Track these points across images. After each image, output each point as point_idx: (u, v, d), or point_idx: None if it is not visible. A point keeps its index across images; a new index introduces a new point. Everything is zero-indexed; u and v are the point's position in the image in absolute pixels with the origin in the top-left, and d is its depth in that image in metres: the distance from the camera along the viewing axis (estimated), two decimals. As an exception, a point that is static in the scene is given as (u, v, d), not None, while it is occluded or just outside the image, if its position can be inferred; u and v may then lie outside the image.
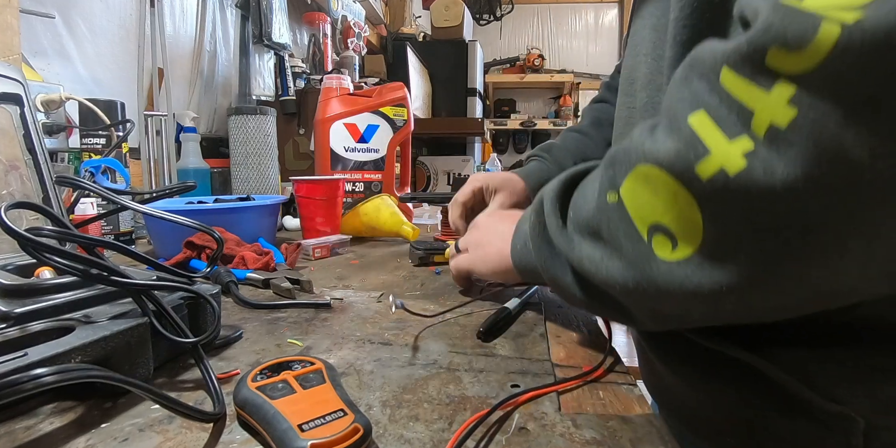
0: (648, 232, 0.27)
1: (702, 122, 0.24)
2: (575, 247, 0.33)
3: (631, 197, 0.28)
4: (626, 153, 0.28)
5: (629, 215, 0.28)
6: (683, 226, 0.25)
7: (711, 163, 0.23)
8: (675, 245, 0.26)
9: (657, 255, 0.27)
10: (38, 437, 0.27)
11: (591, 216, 0.31)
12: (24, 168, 0.51)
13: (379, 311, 0.51)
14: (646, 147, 0.26)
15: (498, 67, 4.31)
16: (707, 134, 0.23)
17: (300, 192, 0.88)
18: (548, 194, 0.37)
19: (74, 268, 0.32)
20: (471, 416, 0.29)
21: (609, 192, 0.29)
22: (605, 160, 0.31)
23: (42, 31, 0.95)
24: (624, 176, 0.28)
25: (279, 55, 1.55)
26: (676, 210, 0.25)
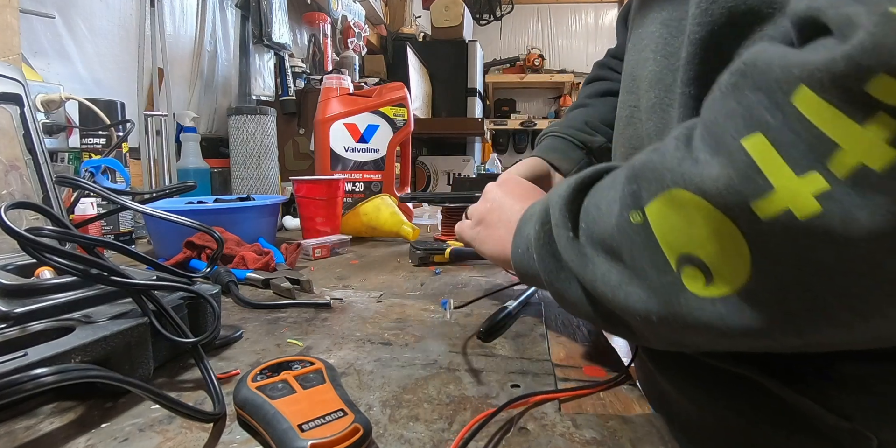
0: (678, 262, 0.24)
1: (760, 147, 0.20)
2: (588, 264, 0.30)
3: (660, 222, 0.25)
4: (655, 171, 0.25)
5: (656, 241, 0.25)
6: (724, 263, 0.23)
7: (774, 202, 0.20)
8: (711, 280, 0.23)
9: (687, 288, 0.24)
10: (38, 437, 0.27)
11: (610, 235, 0.28)
12: (24, 168, 0.51)
13: (379, 311, 0.51)
14: (684, 169, 0.23)
15: (498, 67, 4.30)
16: (768, 164, 0.20)
17: (300, 192, 0.88)
18: (555, 202, 0.33)
19: (74, 268, 0.32)
20: (471, 416, 0.29)
21: (633, 212, 0.26)
22: (628, 173, 0.27)
23: (42, 31, 0.94)
24: (652, 196, 0.25)
25: (279, 55, 1.55)
26: (717, 245, 0.22)
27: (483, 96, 3.19)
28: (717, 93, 0.23)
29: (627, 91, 0.44)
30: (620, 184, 0.28)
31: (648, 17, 0.40)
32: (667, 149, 0.25)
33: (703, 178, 0.22)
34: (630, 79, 0.43)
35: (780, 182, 0.20)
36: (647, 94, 0.39)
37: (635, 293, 0.27)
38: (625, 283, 0.27)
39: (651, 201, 0.25)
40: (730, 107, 0.22)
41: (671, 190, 0.24)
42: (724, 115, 0.22)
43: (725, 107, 0.22)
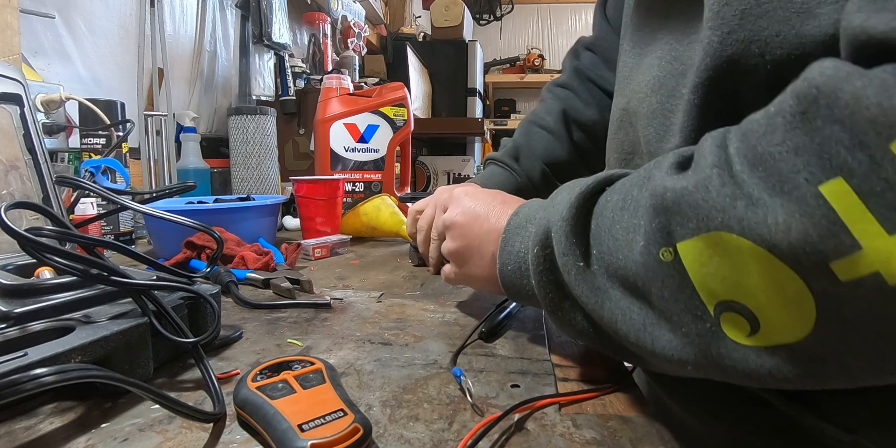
0: (717, 308, 0.22)
1: (842, 196, 0.17)
2: (604, 301, 0.28)
3: (697, 263, 0.22)
4: (696, 208, 0.22)
5: (691, 283, 0.23)
6: (780, 318, 0.20)
7: (861, 263, 0.17)
8: (757, 331, 0.21)
9: (727, 336, 0.22)
10: (38, 437, 0.27)
11: (634, 272, 0.25)
12: (24, 168, 0.51)
13: (379, 311, 0.51)
14: (741, 213, 0.20)
15: (498, 67, 4.30)
16: (853, 218, 0.17)
17: (300, 192, 0.88)
18: (558, 225, 0.30)
19: (74, 268, 0.32)
20: (471, 416, 0.29)
21: (663, 249, 0.23)
22: (654, 202, 0.24)
23: (42, 31, 0.94)
24: (689, 235, 0.22)
25: (279, 55, 1.55)
26: (774, 298, 0.20)
27: (483, 96, 3.19)
28: (775, 119, 0.20)
29: (620, 94, 0.43)
30: (643, 213, 0.25)
31: (653, 20, 0.38)
32: (708, 181, 0.22)
33: (769, 227, 0.19)
34: (625, 82, 0.42)
35: (869, 241, 0.17)
36: (647, 99, 0.37)
37: (664, 337, 0.25)
38: (651, 325, 0.25)
39: (686, 239, 0.22)
40: (797, 140, 0.19)
41: (719, 233, 0.21)
42: (790, 149, 0.19)
43: (791, 139, 0.19)
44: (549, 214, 0.32)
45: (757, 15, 0.26)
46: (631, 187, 0.27)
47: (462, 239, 0.42)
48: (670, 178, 0.24)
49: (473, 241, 0.41)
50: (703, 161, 0.23)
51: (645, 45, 0.39)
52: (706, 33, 0.29)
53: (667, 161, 0.26)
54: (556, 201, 0.32)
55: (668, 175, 0.24)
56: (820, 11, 0.24)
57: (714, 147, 0.23)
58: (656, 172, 0.26)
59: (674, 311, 0.24)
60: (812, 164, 0.18)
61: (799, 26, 0.24)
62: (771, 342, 0.21)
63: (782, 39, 0.25)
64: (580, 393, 0.33)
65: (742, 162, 0.21)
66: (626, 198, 0.27)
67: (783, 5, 0.25)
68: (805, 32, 0.24)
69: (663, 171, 0.25)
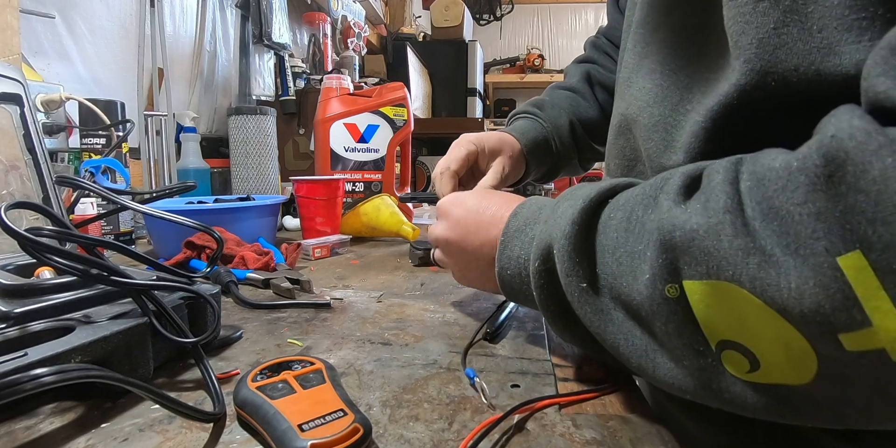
0: (719, 345, 0.22)
1: (859, 270, 0.17)
2: (607, 323, 0.28)
3: (702, 304, 0.22)
4: (707, 254, 0.21)
5: (695, 320, 0.23)
6: (781, 364, 0.21)
7: (868, 339, 0.18)
8: (757, 369, 0.22)
9: (727, 370, 0.23)
10: (38, 437, 0.27)
11: (638, 302, 0.25)
12: (24, 168, 0.51)
13: (379, 311, 0.51)
14: (753, 272, 0.20)
15: (498, 67, 4.30)
16: (868, 295, 0.17)
17: (300, 192, 0.88)
18: (561, 243, 0.29)
19: (74, 268, 0.32)
20: (471, 416, 0.29)
21: (669, 285, 0.23)
22: (661, 237, 0.24)
23: (42, 31, 0.94)
24: (695, 276, 0.22)
25: (279, 55, 1.55)
26: (777, 349, 0.20)
27: (483, 96, 3.19)
28: (798, 176, 0.19)
29: (620, 97, 0.42)
30: (650, 244, 0.25)
31: (654, 20, 0.38)
32: (720, 228, 0.21)
33: (781, 290, 0.19)
34: (625, 85, 0.41)
35: (880, 319, 0.17)
36: (648, 109, 0.36)
37: (665, 366, 0.25)
38: (652, 352, 0.26)
39: (693, 280, 0.22)
40: (820, 205, 0.18)
41: (729, 284, 0.21)
42: (812, 213, 0.18)
43: (813, 201, 0.18)
44: (550, 228, 0.31)
45: (775, 45, 0.25)
46: (636, 207, 0.27)
47: (456, 255, 0.43)
48: (679, 210, 0.24)
49: (468, 256, 0.41)
50: (713, 199, 0.22)
51: (646, 44, 0.38)
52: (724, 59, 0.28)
53: (674, 183, 0.25)
54: (557, 213, 0.32)
55: (675, 205, 0.24)
56: (841, 49, 0.23)
57: (725, 184, 0.22)
58: (663, 199, 0.25)
59: (676, 345, 0.24)
60: (833, 232, 0.18)
61: (819, 62, 0.24)
62: (770, 380, 0.21)
63: (801, 74, 0.24)
64: (580, 393, 0.33)
65: (755, 208, 0.20)
66: (631, 218, 0.27)
67: (803, 38, 0.24)
68: (825, 70, 0.24)
69: (670, 199, 0.25)
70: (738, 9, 0.26)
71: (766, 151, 0.23)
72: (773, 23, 0.25)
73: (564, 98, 0.64)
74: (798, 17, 0.24)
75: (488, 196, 0.42)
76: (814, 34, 0.24)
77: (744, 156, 0.24)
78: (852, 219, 0.17)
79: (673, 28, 0.35)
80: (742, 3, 0.26)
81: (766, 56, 0.25)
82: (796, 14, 0.24)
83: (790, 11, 0.24)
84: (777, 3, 0.25)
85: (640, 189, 0.28)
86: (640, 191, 0.28)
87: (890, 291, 0.17)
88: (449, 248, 0.43)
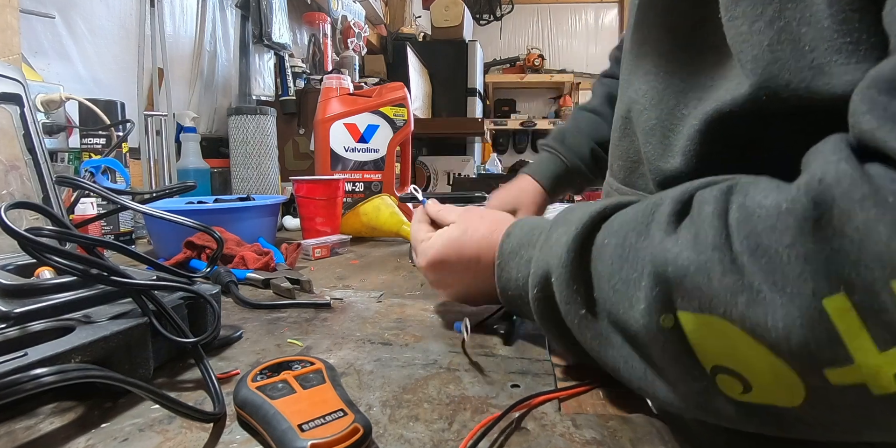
0: (713, 369, 0.23)
1: (843, 312, 0.18)
2: (607, 348, 0.29)
3: (696, 334, 0.23)
4: (699, 290, 0.22)
5: (690, 347, 0.24)
6: (772, 389, 0.22)
7: (850, 374, 0.19)
8: (749, 391, 0.23)
9: (722, 391, 0.24)
10: (38, 437, 0.27)
11: (635, 328, 0.26)
12: (24, 168, 0.51)
13: (379, 311, 0.51)
14: (743, 310, 0.21)
15: (498, 67, 4.30)
16: (851, 335, 0.19)
17: (300, 192, 0.88)
18: (558, 272, 0.30)
19: (74, 268, 0.32)
20: (471, 416, 0.29)
21: (664, 316, 0.24)
22: (654, 270, 0.25)
23: (42, 31, 0.94)
24: (689, 309, 0.23)
25: (279, 55, 1.55)
26: (769, 377, 0.22)
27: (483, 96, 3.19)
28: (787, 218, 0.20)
29: (620, 98, 0.42)
30: (643, 273, 0.25)
31: (648, 21, 0.38)
32: (710, 266, 0.22)
33: (769, 330, 0.20)
34: (626, 84, 0.41)
35: (862, 357, 0.18)
36: (646, 112, 0.36)
37: (664, 388, 0.26)
38: (651, 376, 0.27)
39: (687, 312, 0.23)
40: (808, 248, 0.19)
41: (721, 320, 0.22)
42: (800, 255, 0.19)
43: (802, 244, 0.19)
44: (546, 256, 0.32)
45: (768, 61, 0.26)
46: (629, 233, 0.28)
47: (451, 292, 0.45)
48: (670, 241, 0.24)
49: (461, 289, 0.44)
50: (703, 233, 0.23)
51: (641, 45, 0.39)
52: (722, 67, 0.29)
53: (664, 211, 0.26)
54: (552, 239, 0.33)
55: (666, 235, 0.25)
56: (831, 70, 0.24)
57: (714, 217, 0.23)
58: (655, 228, 0.26)
59: (673, 371, 0.25)
60: (819, 274, 0.19)
61: (810, 80, 0.24)
62: (762, 401, 0.23)
63: (792, 90, 0.25)
64: (577, 386, 0.33)
65: (743, 243, 0.21)
66: (625, 244, 0.28)
67: (795, 56, 0.25)
68: (815, 89, 0.24)
69: (662, 228, 0.25)
70: (736, 28, 0.28)
71: (757, 183, 0.23)
72: (767, 40, 0.26)
73: (586, 121, 0.69)
74: (791, 37, 0.25)
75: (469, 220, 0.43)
76: (805, 54, 0.25)
77: (734, 183, 0.24)
78: (837, 261, 0.18)
79: (667, 29, 0.35)
80: (739, 23, 0.27)
81: (760, 71, 0.26)
82: (789, 34, 0.25)
83: (784, 31, 0.25)
84: (771, 23, 0.26)
85: (633, 214, 0.29)
86: (632, 216, 0.29)
87: (871, 331, 0.18)
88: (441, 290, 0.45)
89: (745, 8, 0.27)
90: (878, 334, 0.18)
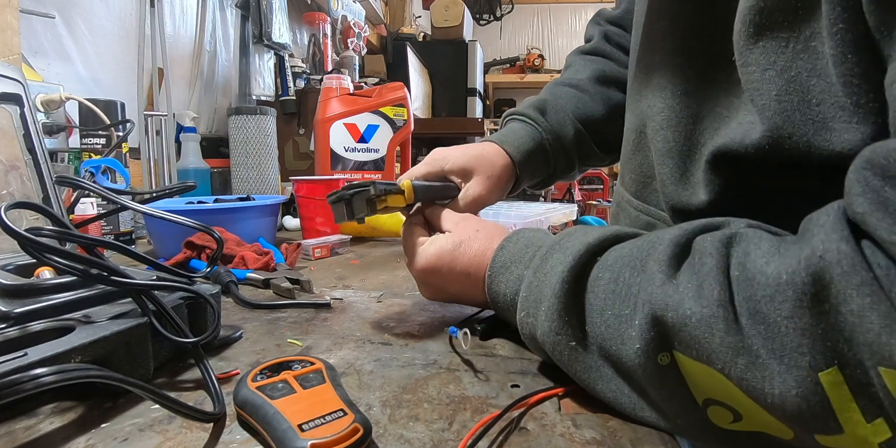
0: (705, 402, 0.25)
1: (836, 385, 0.19)
2: (595, 378, 0.29)
3: (693, 373, 0.24)
4: (695, 339, 0.23)
5: (685, 382, 0.25)
6: (764, 423, 0.23)
7: (839, 442, 0.20)
8: (739, 420, 0.24)
9: (714, 423, 0.25)
10: (38, 437, 0.27)
11: (629, 366, 0.27)
12: (24, 168, 0.51)
13: (379, 311, 0.51)
14: (738, 371, 0.22)
15: (498, 67, 4.30)
16: (842, 407, 0.19)
17: (300, 192, 0.88)
18: (551, 302, 0.31)
19: (74, 268, 0.32)
20: (471, 416, 0.29)
21: (661, 354, 0.25)
22: (653, 313, 0.25)
23: (42, 31, 0.94)
24: (687, 354, 0.24)
25: (279, 55, 1.55)
26: (758, 419, 0.23)
27: (483, 96, 3.19)
28: (786, 290, 0.21)
29: (632, 110, 0.40)
30: (638, 311, 0.26)
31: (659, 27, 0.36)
32: (713, 322, 0.22)
33: (766, 394, 0.21)
34: (636, 96, 0.40)
35: (851, 428, 0.19)
36: (662, 133, 0.35)
37: (655, 418, 0.27)
38: (641, 410, 0.28)
39: (683, 355, 0.24)
40: (806, 321, 0.20)
41: (719, 374, 0.23)
42: (798, 328, 0.20)
43: (800, 317, 0.20)
44: (539, 282, 0.32)
45: (774, 111, 0.26)
46: (623, 268, 0.28)
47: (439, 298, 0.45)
48: (671, 286, 0.25)
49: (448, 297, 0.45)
50: (707, 287, 0.23)
51: (653, 51, 0.37)
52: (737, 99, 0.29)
53: (663, 252, 0.27)
54: (546, 265, 0.33)
55: (667, 279, 0.25)
56: (834, 126, 0.24)
57: (718, 272, 0.23)
58: (653, 266, 0.26)
59: (669, 407, 0.26)
60: (816, 349, 0.20)
61: (811, 134, 0.25)
62: (752, 429, 0.24)
63: (793, 143, 0.26)
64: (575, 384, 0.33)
65: (742, 305, 0.22)
66: (619, 280, 0.28)
67: (801, 109, 0.25)
68: (815, 143, 0.25)
69: (662, 271, 0.26)
70: (748, 76, 0.28)
71: (758, 240, 0.24)
72: (776, 90, 0.26)
73: (570, 97, 0.56)
74: (800, 88, 0.25)
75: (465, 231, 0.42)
76: (812, 106, 0.25)
77: (734, 234, 0.25)
78: (832, 337, 0.19)
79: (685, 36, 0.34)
80: (752, 70, 0.27)
81: (766, 121, 0.27)
82: (799, 85, 0.25)
83: (793, 81, 0.25)
84: (782, 73, 0.26)
85: (629, 250, 0.29)
86: (628, 251, 0.29)
87: (860, 403, 0.19)
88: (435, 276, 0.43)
89: (758, 56, 0.27)
90: (867, 406, 0.19)
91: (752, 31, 0.27)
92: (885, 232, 0.18)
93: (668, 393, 0.26)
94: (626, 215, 0.45)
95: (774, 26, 0.26)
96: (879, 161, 0.19)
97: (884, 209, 0.18)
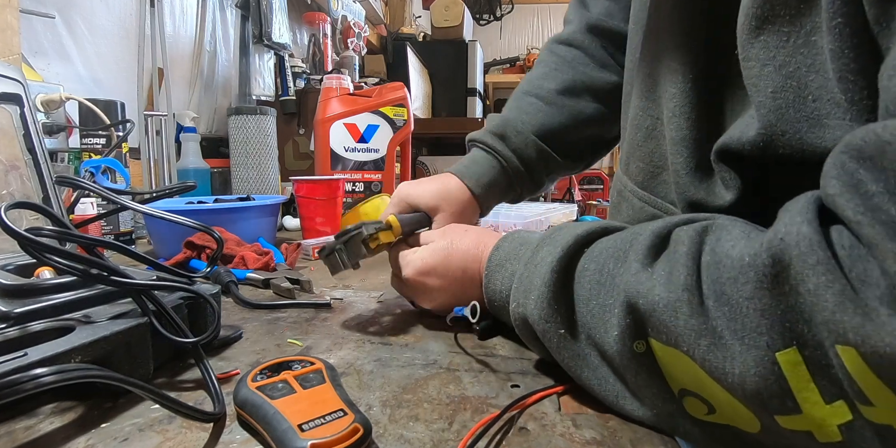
0: (680, 392, 0.25)
1: (794, 365, 0.20)
2: (582, 366, 0.30)
3: (666, 360, 0.25)
4: (664, 323, 0.24)
5: (660, 371, 0.26)
6: (733, 416, 0.24)
7: (798, 422, 0.21)
8: (713, 412, 0.24)
9: (689, 413, 0.26)
10: (38, 437, 0.27)
11: (610, 352, 0.28)
12: (24, 168, 0.51)
13: (379, 311, 0.51)
14: (701, 352, 0.22)
15: (498, 67, 4.30)
16: (800, 387, 0.20)
17: (300, 192, 0.88)
18: (540, 291, 0.32)
19: (74, 268, 0.32)
20: (471, 416, 0.29)
21: (637, 342, 0.26)
22: (627, 301, 0.26)
23: (42, 31, 0.94)
24: (659, 339, 0.25)
25: (279, 55, 1.55)
26: (729, 408, 0.23)
27: (483, 96, 3.19)
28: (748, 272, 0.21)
29: (646, 97, 0.39)
30: (616, 301, 0.27)
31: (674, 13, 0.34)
32: (678, 306, 0.23)
33: (726, 374, 0.22)
34: (648, 80, 0.38)
35: (809, 408, 0.20)
36: (675, 120, 0.34)
37: (637, 409, 0.28)
38: (623, 398, 0.29)
39: (658, 341, 0.25)
40: (765, 302, 0.20)
41: (685, 356, 0.23)
42: (757, 309, 0.21)
43: (760, 298, 0.21)
44: (529, 273, 0.34)
45: (769, 108, 0.26)
46: (607, 260, 0.29)
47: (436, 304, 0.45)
48: (645, 275, 0.26)
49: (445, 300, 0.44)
50: (676, 272, 0.24)
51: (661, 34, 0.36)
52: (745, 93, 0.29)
53: (642, 243, 0.28)
54: (537, 258, 0.34)
55: (642, 268, 0.26)
56: (828, 122, 0.24)
57: (688, 258, 0.24)
58: (632, 257, 0.27)
59: (646, 395, 0.27)
60: (774, 329, 0.20)
61: (804, 131, 0.25)
62: (725, 422, 0.24)
63: (786, 140, 0.26)
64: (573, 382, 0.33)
65: (710, 287, 0.23)
66: (603, 270, 0.29)
67: (796, 105, 0.25)
68: (808, 140, 0.25)
69: (639, 260, 0.27)
70: (748, 71, 0.28)
71: (731, 227, 0.25)
72: (772, 87, 0.26)
73: (534, 113, 0.55)
74: (797, 84, 0.25)
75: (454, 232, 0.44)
76: (808, 103, 0.25)
77: (710, 224, 0.26)
78: (791, 318, 0.20)
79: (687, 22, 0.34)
80: (751, 65, 0.27)
81: (762, 118, 0.27)
82: (796, 80, 0.25)
83: (791, 77, 0.25)
84: (780, 68, 0.26)
85: (614, 241, 0.30)
86: (612, 243, 0.30)
87: (819, 384, 0.19)
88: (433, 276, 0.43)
89: (758, 51, 0.27)
90: (826, 388, 0.19)
91: (753, 25, 0.27)
92: (851, 211, 0.18)
93: (643, 381, 0.26)
94: (628, 205, 0.43)
95: (776, 20, 0.26)
96: (857, 142, 0.19)
97: (854, 190, 0.19)
